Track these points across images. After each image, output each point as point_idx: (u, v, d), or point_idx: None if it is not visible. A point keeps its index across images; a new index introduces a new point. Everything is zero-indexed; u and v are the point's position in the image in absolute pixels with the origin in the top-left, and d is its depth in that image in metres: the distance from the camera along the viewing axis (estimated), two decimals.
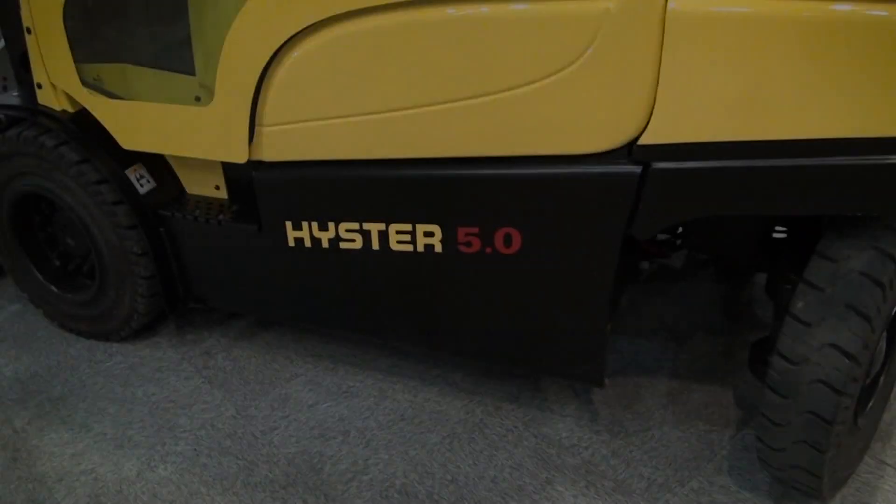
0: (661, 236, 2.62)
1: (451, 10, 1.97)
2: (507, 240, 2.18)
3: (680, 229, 2.58)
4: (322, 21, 2.08)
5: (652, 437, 2.54)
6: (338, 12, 2.06)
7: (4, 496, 2.48)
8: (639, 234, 2.04)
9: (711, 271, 3.34)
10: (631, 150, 1.93)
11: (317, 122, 2.24)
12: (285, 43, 2.14)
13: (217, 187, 2.73)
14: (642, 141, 1.91)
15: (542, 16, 1.90)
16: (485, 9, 1.94)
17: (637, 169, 1.93)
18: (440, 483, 2.42)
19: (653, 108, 1.87)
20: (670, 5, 1.78)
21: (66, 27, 2.51)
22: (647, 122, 1.89)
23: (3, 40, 3.06)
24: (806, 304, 1.92)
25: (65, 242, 3.13)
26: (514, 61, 1.96)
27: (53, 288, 3.16)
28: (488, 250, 2.22)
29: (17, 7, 2.61)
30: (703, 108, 1.83)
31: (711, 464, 2.43)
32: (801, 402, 1.96)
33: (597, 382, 2.39)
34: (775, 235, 2.40)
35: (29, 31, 2.61)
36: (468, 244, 2.23)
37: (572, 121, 1.96)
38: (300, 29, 2.11)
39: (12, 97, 2.96)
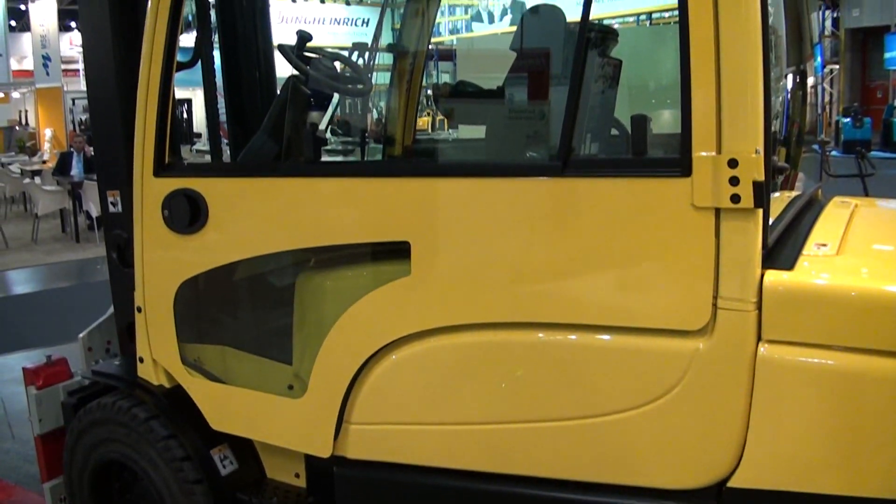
0: None
1: (541, 335, 2.03)
2: None
3: None
4: (415, 334, 2.17)
5: None
6: (429, 328, 2.15)
7: None
8: None
9: None
10: (720, 493, 1.88)
11: (402, 425, 2.27)
12: (380, 349, 2.22)
13: (297, 475, 2.73)
14: (732, 483, 1.87)
15: (630, 349, 1.95)
16: (574, 336, 2.00)
17: None
18: None
19: (742, 451, 1.85)
20: (761, 350, 1.80)
21: (175, 310, 2.66)
22: (737, 465, 1.86)
23: (112, 308, 3.24)
24: None
25: None
26: (600, 390, 1.99)
27: None
28: None
29: (131, 287, 2.78)
30: (796, 458, 1.80)
31: None
32: None
33: None
34: None
35: (139, 309, 2.76)
36: None
37: (658, 454, 1.95)
38: (394, 339, 2.20)
39: (113, 365, 3.09)
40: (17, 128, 23.10)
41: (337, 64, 2.98)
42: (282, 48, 2.75)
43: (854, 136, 19.84)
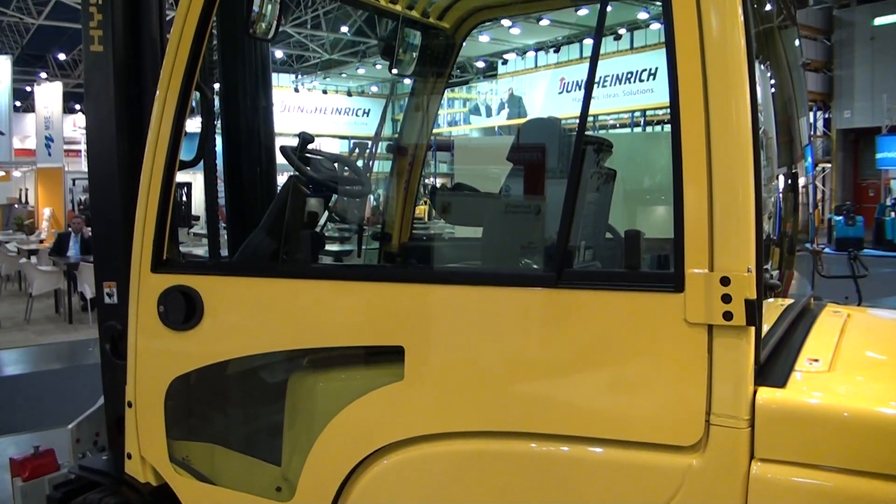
0: None
1: (533, 445, 2.02)
2: None
3: None
4: (406, 440, 2.16)
5: None
6: (420, 434, 2.14)
7: None
8: None
9: None
10: None
11: None
12: (370, 454, 2.20)
13: None
14: None
15: (623, 462, 1.93)
16: (566, 448, 1.99)
17: None
18: None
19: None
20: (753, 469, 1.79)
21: (166, 406, 2.64)
22: None
23: (102, 399, 3.21)
24: None
25: None
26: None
27: None
28: None
29: (122, 379, 2.75)
30: None
31: None
32: None
33: None
34: None
35: (130, 404, 2.73)
36: None
37: None
38: (385, 444, 2.18)
39: (100, 460, 3.05)
40: (16, 206, 23.24)
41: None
42: (283, 150, 2.80)
43: (847, 233, 20.06)
